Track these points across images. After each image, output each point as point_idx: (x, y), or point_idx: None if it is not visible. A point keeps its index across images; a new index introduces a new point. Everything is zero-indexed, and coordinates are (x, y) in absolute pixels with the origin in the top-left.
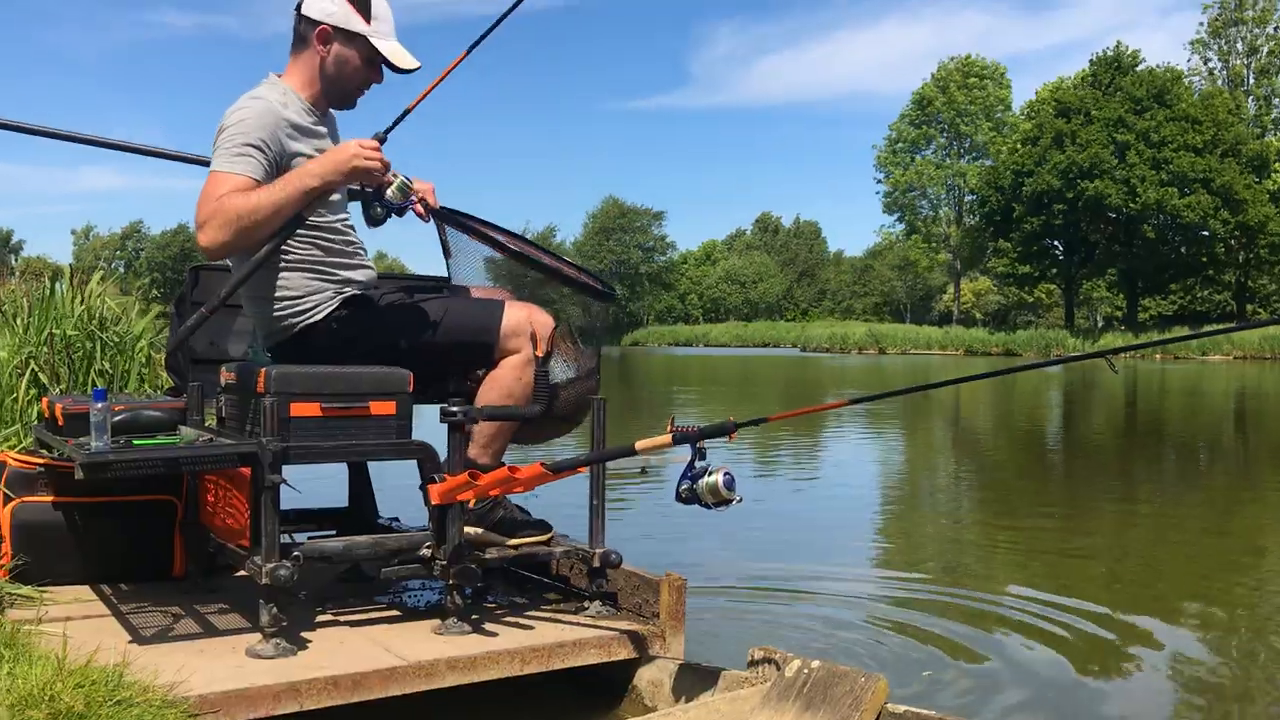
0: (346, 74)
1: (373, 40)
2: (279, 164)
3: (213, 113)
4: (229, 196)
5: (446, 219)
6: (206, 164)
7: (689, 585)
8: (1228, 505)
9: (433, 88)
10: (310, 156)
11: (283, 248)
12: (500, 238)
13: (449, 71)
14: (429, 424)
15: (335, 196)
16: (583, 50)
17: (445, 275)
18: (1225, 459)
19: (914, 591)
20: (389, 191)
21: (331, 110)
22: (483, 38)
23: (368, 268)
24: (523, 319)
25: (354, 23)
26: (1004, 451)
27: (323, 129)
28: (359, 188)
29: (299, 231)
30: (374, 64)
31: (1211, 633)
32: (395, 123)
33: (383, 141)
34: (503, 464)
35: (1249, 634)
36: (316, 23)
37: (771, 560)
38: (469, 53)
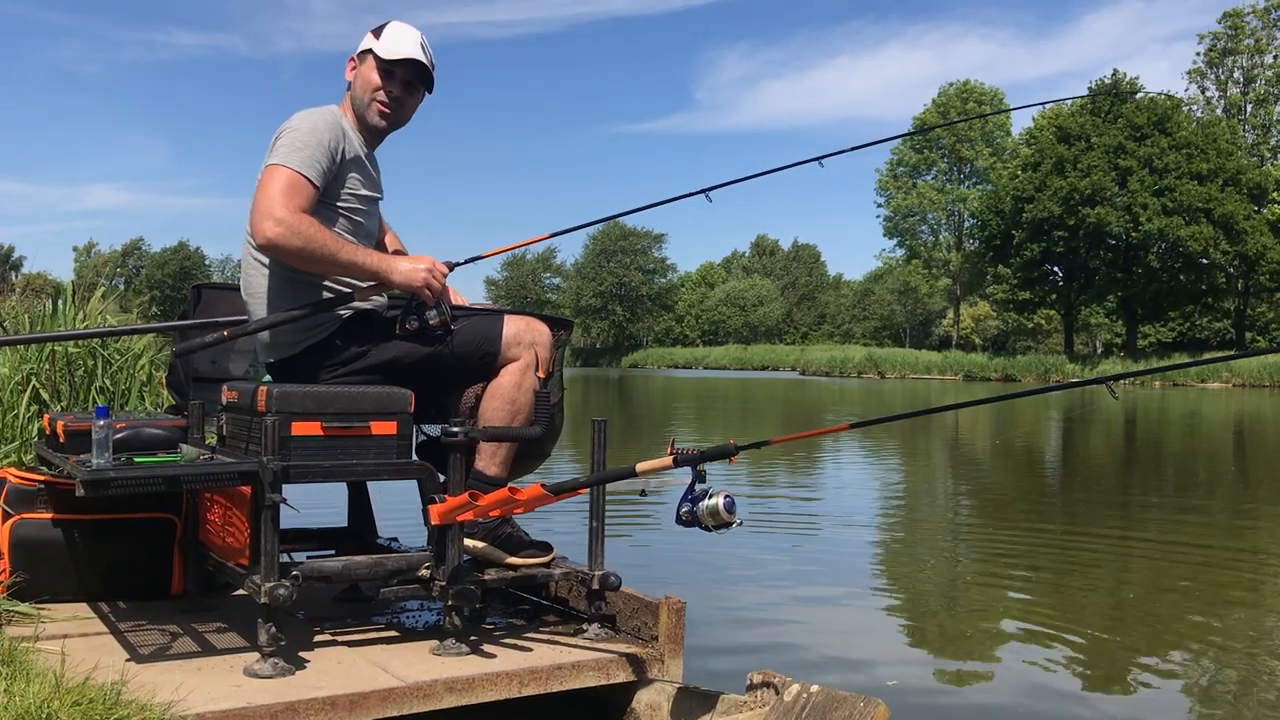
0: (369, 89)
1: (375, 49)
2: (333, 178)
3: (218, 131)
4: (314, 223)
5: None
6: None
7: (688, 608)
8: (1228, 531)
9: (509, 248)
10: (359, 180)
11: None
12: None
13: (526, 243)
14: None
15: (364, 220)
16: (588, 75)
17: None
18: (1225, 485)
19: (914, 615)
20: (430, 313)
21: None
22: (565, 232)
23: (380, 296)
24: (522, 327)
25: (367, 42)
26: (1003, 476)
27: (371, 168)
28: (405, 297)
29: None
30: (389, 74)
31: (1211, 659)
32: (466, 260)
33: (451, 270)
34: (505, 483)
35: (1252, 661)
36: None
37: (771, 584)
38: (550, 236)
